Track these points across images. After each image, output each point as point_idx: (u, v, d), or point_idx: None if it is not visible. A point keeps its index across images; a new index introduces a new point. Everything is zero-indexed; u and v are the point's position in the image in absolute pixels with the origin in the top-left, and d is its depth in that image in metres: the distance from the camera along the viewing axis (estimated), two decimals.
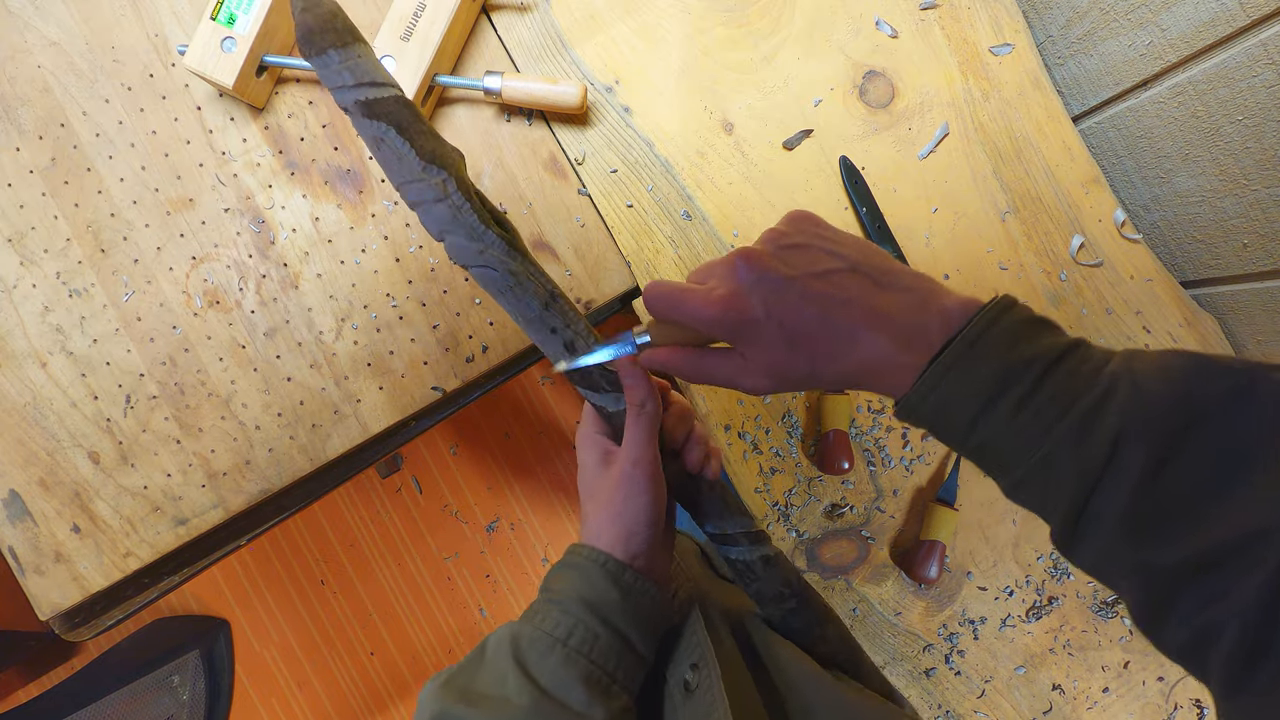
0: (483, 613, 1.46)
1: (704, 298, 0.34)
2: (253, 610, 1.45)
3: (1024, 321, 0.31)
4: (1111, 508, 0.28)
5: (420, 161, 0.37)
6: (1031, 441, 0.29)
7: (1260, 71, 0.53)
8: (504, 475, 1.46)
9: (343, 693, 1.46)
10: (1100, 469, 0.28)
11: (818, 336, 0.33)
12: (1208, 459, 0.26)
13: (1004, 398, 0.30)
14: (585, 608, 0.37)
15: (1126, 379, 0.28)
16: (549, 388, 1.47)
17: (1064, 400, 0.29)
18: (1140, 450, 0.27)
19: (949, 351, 0.31)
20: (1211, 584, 0.26)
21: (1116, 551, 0.28)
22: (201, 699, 1.36)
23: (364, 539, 1.47)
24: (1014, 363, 0.30)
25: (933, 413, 0.32)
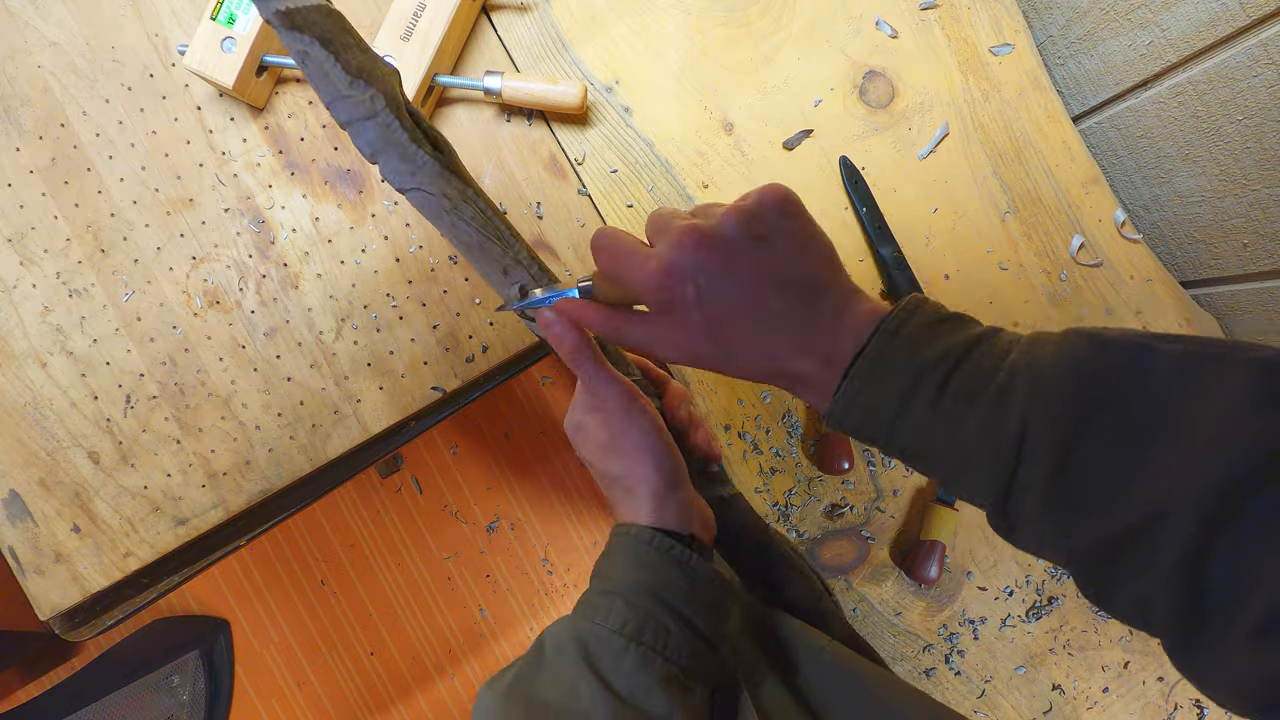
0: (483, 613, 1.46)
1: (641, 264, 0.33)
2: (253, 610, 1.45)
3: (930, 323, 0.31)
4: (1031, 492, 0.28)
5: (347, 77, 0.35)
6: (947, 440, 0.30)
7: (1260, 71, 0.53)
8: (504, 475, 1.46)
9: (343, 693, 1.46)
10: (1012, 461, 0.28)
11: (741, 342, 0.33)
12: (1109, 441, 0.26)
13: (914, 401, 0.30)
14: (651, 598, 0.35)
15: (1026, 368, 0.28)
16: (549, 388, 1.47)
17: (968, 397, 0.29)
18: (1044, 440, 0.27)
19: (859, 363, 0.31)
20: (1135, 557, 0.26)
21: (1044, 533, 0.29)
22: (201, 699, 1.36)
23: (364, 539, 1.47)
24: (921, 365, 0.30)
25: (856, 424, 0.32)
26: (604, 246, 0.35)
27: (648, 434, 0.39)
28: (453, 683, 1.47)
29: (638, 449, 0.39)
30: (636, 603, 0.35)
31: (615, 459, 0.40)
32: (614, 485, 0.41)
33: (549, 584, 1.46)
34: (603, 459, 0.40)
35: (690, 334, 0.33)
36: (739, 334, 0.33)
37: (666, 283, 0.32)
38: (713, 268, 0.32)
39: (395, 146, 0.36)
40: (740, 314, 0.32)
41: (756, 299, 0.32)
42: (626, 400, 0.39)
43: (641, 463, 0.39)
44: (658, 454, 0.39)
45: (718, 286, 0.32)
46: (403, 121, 0.36)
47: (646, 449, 0.39)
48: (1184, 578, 0.24)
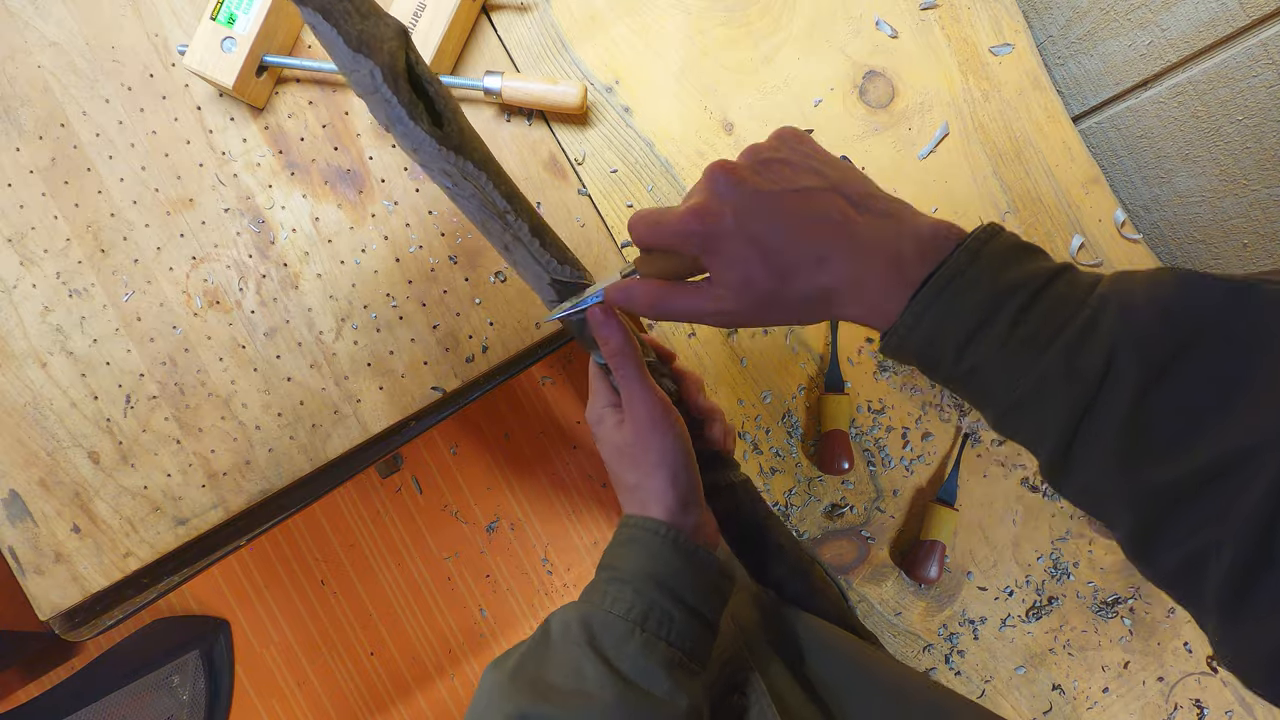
0: (483, 613, 1.46)
1: (677, 214, 0.33)
2: (253, 610, 1.45)
3: (1010, 247, 0.30)
4: (1106, 428, 0.27)
5: (348, 50, 0.34)
6: (1023, 366, 0.28)
7: (1260, 71, 0.53)
8: (504, 475, 1.46)
9: (343, 693, 1.46)
10: (1094, 389, 0.27)
11: (786, 251, 0.32)
12: (1202, 374, 0.25)
13: (994, 323, 0.29)
14: (655, 585, 0.36)
15: (1116, 299, 0.28)
16: (549, 388, 1.47)
17: (1055, 323, 0.28)
18: (1134, 367, 0.26)
19: (935, 280, 0.30)
20: (1204, 505, 0.25)
21: (1108, 475, 0.27)
22: (201, 699, 1.36)
23: (364, 539, 1.47)
24: (1002, 288, 0.29)
25: (921, 342, 0.31)
26: (639, 218, 0.35)
27: (672, 452, 0.39)
28: (453, 683, 1.47)
29: (659, 465, 0.39)
30: (642, 590, 0.36)
31: (633, 469, 0.40)
32: (631, 490, 0.41)
33: (549, 584, 1.47)
34: (620, 464, 0.41)
35: (738, 264, 0.32)
36: (788, 248, 0.32)
37: (706, 213, 0.32)
38: (744, 189, 0.32)
39: (396, 122, 0.36)
40: (785, 225, 0.32)
41: (795, 207, 0.32)
42: (659, 412, 0.39)
43: (659, 479, 0.39)
44: (678, 474, 0.39)
45: (753, 204, 0.32)
46: (399, 95, 0.35)
47: (667, 466, 0.39)
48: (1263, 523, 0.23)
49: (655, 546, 0.37)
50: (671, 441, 0.39)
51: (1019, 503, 0.66)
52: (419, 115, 0.36)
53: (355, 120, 0.63)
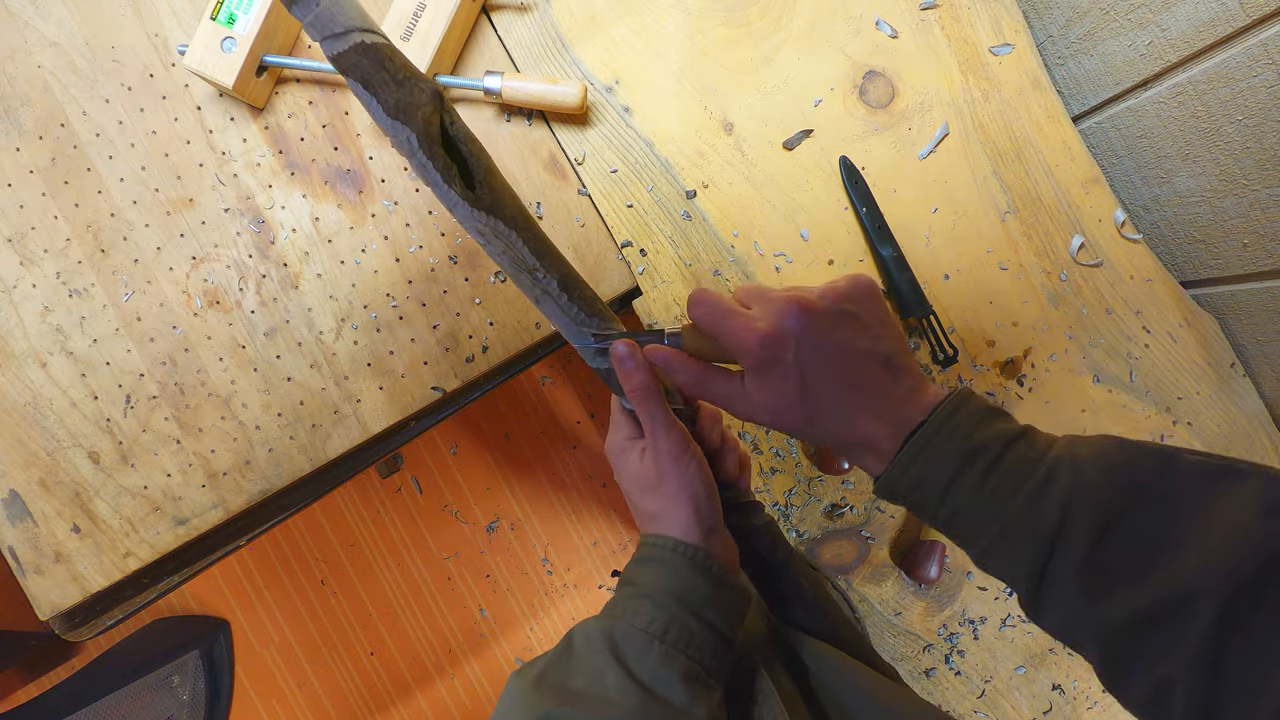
0: (483, 613, 1.46)
1: (748, 325, 0.36)
2: (253, 610, 1.45)
3: (981, 410, 0.35)
4: (1065, 570, 0.31)
5: (387, 118, 0.36)
6: (993, 513, 0.33)
7: (1260, 71, 0.53)
8: (504, 475, 1.46)
9: (343, 693, 1.46)
10: (1052, 537, 0.31)
11: (828, 405, 0.36)
12: (1142, 527, 0.30)
13: (969, 473, 0.33)
14: (676, 600, 0.37)
15: (1069, 462, 0.32)
16: (549, 388, 1.47)
17: (1018, 477, 0.33)
18: (1085, 520, 0.30)
19: (920, 434, 0.35)
20: (1157, 642, 0.28)
21: (1075, 612, 0.31)
22: (201, 699, 1.35)
23: (364, 539, 1.47)
24: (976, 444, 0.34)
25: (909, 488, 0.35)
26: (706, 303, 0.37)
27: (694, 482, 0.41)
28: (453, 683, 1.47)
29: (680, 496, 0.41)
30: (663, 604, 0.37)
31: (656, 500, 0.41)
32: (649, 519, 0.42)
33: (549, 584, 1.46)
34: (643, 495, 0.42)
35: (781, 395, 0.36)
36: (827, 398, 0.36)
37: (774, 344, 0.35)
38: (814, 335, 0.35)
39: (432, 185, 0.38)
40: (832, 379, 0.36)
41: (848, 367, 0.36)
42: (681, 447, 0.41)
43: (682, 507, 0.41)
44: (700, 504, 0.41)
45: (817, 352, 0.36)
46: (434, 161, 0.37)
47: (689, 496, 0.41)
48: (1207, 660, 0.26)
49: (676, 564, 0.39)
50: (694, 471, 0.41)
51: None
52: (453, 179, 0.38)
53: (355, 120, 0.63)
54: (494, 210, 0.39)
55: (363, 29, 0.36)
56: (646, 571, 0.39)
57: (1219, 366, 0.68)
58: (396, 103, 0.36)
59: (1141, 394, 0.67)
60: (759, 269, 0.65)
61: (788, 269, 0.65)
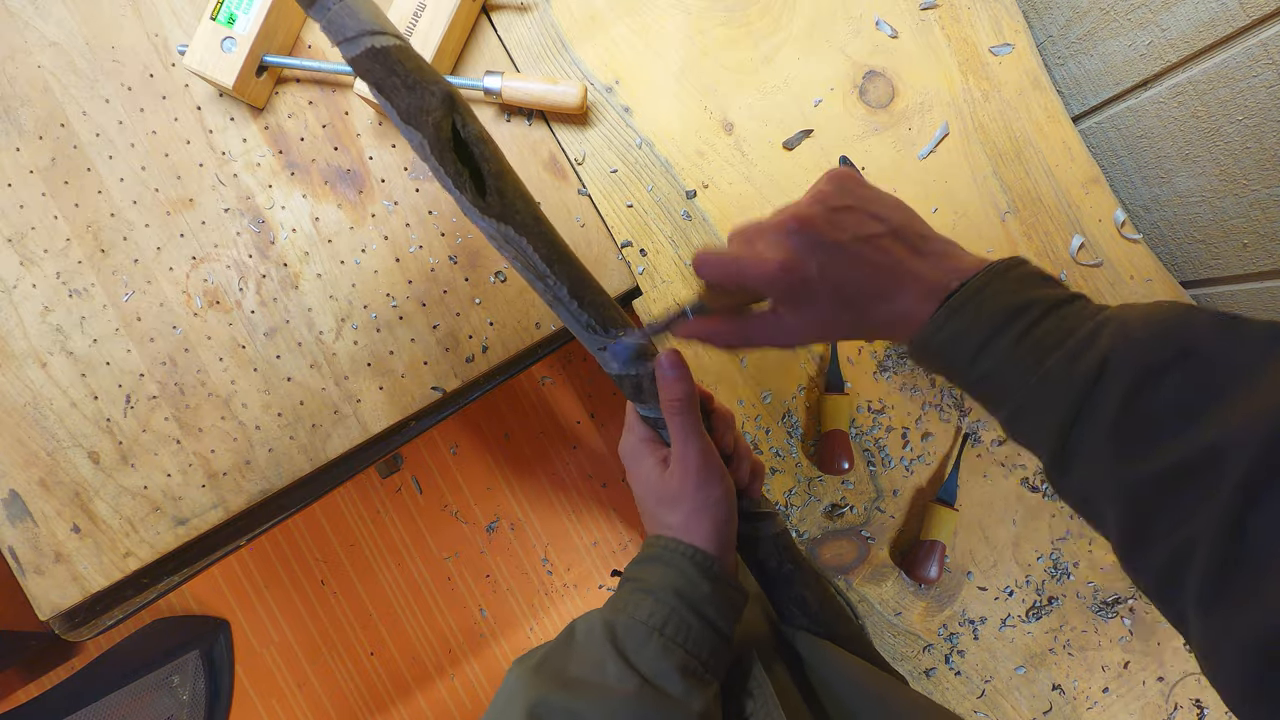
0: (483, 613, 1.46)
1: (760, 261, 0.36)
2: (253, 610, 1.45)
3: (1030, 274, 0.34)
4: (1098, 425, 0.30)
5: (401, 123, 0.36)
6: (1029, 369, 0.32)
7: (1260, 71, 0.53)
8: (504, 475, 1.46)
9: (343, 693, 1.46)
10: (1089, 387, 0.30)
11: (864, 295, 0.36)
12: (1186, 385, 0.28)
13: (1006, 332, 0.32)
14: (676, 597, 0.38)
15: (1117, 320, 0.31)
16: (549, 387, 1.47)
17: (1059, 334, 0.32)
18: (1126, 371, 0.29)
19: (960, 293, 0.34)
20: (1182, 501, 0.27)
21: (1100, 470, 0.30)
22: (201, 699, 1.35)
23: (364, 539, 1.47)
24: (1017, 304, 0.33)
25: (941, 345, 0.34)
26: (716, 262, 0.37)
27: (720, 506, 0.41)
28: (453, 683, 1.47)
29: (702, 515, 0.40)
30: (664, 599, 0.38)
31: (675, 515, 0.41)
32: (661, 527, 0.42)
33: (549, 584, 1.46)
34: (659, 506, 0.42)
35: (819, 309, 0.36)
36: (864, 293, 0.36)
37: (793, 267, 0.35)
38: (824, 242, 0.35)
39: (445, 189, 0.38)
40: (857, 273, 0.35)
41: (864, 256, 0.35)
42: (713, 465, 0.41)
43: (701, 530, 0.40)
44: (721, 529, 0.40)
45: (834, 257, 0.35)
46: (445, 167, 0.37)
47: (712, 519, 0.40)
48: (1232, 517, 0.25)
49: (681, 565, 0.39)
50: (721, 495, 0.41)
51: (1019, 503, 0.66)
52: (464, 184, 0.38)
53: (355, 120, 0.63)
54: (504, 217, 0.39)
55: (373, 32, 0.36)
56: (650, 570, 0.40)
57: None
58: (408, 107, 0.36)
59: None
60: None
61: None
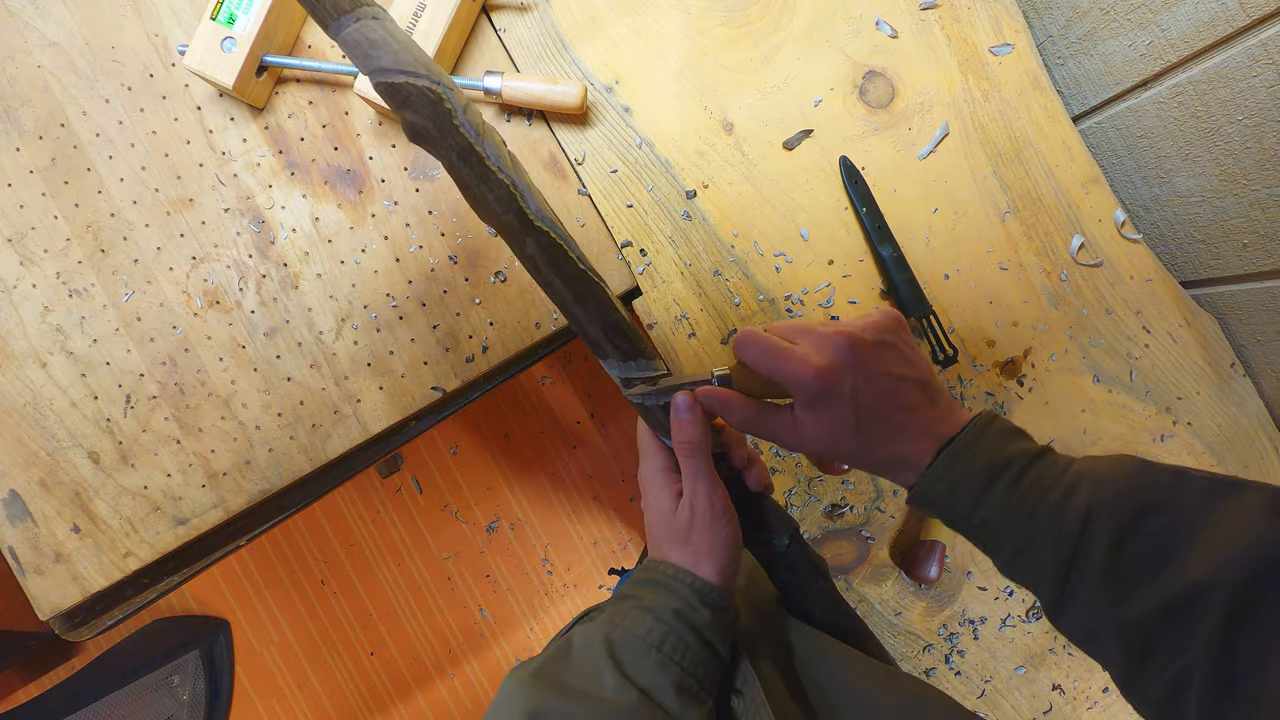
0: (483, 613, 1.46)
1: (803, 360, 0.38)
2: (253, 610, 1.45)
3: (1008, 429, 0.39)
4: (1088, 572, 0.33)
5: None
6: (1021, 519, 0.35)
7: (1260, 71, 0.53)
8: (504, 475, 1.46)
9: (343, 693, 1.46)
10: (1075, 541, 0.34)
11: (879, 429, 0.38)
12: (1157, 531, 0.32)
13: (998, 482, 0.36)
14: (676, 617, 0.39)
15: (1089, 475, 0.35)
16: (549, 387, 1.47)
17: (1043, 486, 0.35)
18: (1106, 525, 0.33)
19: (953, 445, 0.37)
20: (1175, 634, 0.30)
21: (1098, 612, 0.33)
22: (201, 699, 1.36)
23: (364, 539, 1.47)
24: (1004, 456, 0.37)
25: (942, 494, 0.37)
26: (757, 343, 0.39)
27: (726, 548, 0.42)
28: (453, 683, 1.47)
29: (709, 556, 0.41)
30: (663, 618, 0.39)
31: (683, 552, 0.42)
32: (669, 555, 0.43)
33: (549, 584, 1.46)
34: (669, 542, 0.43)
35: (836, 425, 0.39)
36: (878, 425, 0.38)
37: (830, 378, 0.38)
38: (864, 366, 0.38)
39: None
40: (883, 407, 0.38)
41: (894, 394, 0.38)
42: (719, 508, 0.42)
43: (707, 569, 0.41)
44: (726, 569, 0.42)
45: (868, 382, 0.38)
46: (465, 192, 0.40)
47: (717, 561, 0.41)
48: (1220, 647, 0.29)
49: (683, 594, 0.40)
50: (727, 536, 0.42)
51: None
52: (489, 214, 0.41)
53: (355, 120, 0.63)
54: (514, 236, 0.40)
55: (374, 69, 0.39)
56: (651, 592, 0.41)
57: (1219, 366, 0.68)
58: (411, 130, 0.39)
59: (1141, 394, 0.67)
60: (759, 269, 0.65)
61: (788, 269, 0.65)
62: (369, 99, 0.58)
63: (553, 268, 0.40)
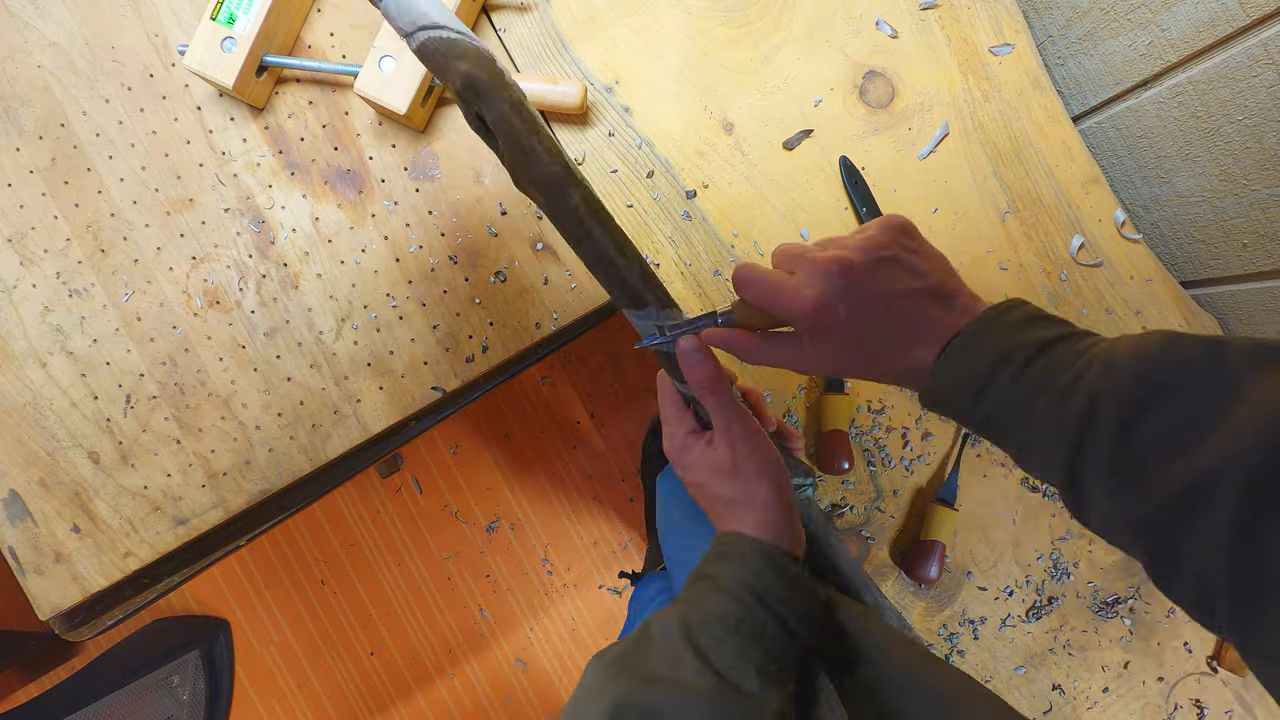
0: (483, 613, 1.46)
1: (795, 294, 0.37)
2: (253, 610, 1.45)
3: (1027, 315, 0.36)
4: (1098, 463, 0.31)
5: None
6: (1023, 412, 0.33)
7: (1260, 71, 0.53)
8: (504, 475, 1.46)
9: (343, 693, 1.46)
10: (1079, 431, 0.31)
11: (885, 346, 0.37)
12: (1178, 410, 0.29)
13: (1002, 372, 0.34)
14: (751, 594, 0.39)
15: (1104, 357, 0.32)
16: (549, 387, 1.47)
17: (1048, 375, 0.33)
18: (1112, 409, 0.30)
19: (959, 338, 0.36)
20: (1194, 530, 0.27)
21: (1110, 506, 0.31)
22: (201, 699, 1.35)
23: (364, 539, 1.47)
24: (1012, 346, 0.34)
25: (943, 393, 0.36)
26: (752, 280, 0.39)
27: (771, 461, 0.43)
28: (453, 683, 1.47)
29: (761, 475, 0.42)
30: (740, 598, 0.39)
31: (737, 481, 0.43)
32: (729, 505, 0.43)
33: (549, 584, 1.46)
34: (719, 480, 0.43)
35: (840, 349, 0.38)
36: (884, 342, 0.37)
37: (823, 308, 0.37)
38: (859, 289, 0.37)
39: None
40: (885, 324, 0.37)
41: (897, 310, 0.37)
42: (754, 428, 0.43)
43: (763, 487, 0.42)
44: (778, 478, 0.42)
45: (865, 305, 0.37)
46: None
47: (769, 475, 0.42)
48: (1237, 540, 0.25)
49: (754, 561, 0.40)
50: (769, 452, 0.42)
51: (1019, 503, 0.66)
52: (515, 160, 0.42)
53: (355, 120, 0.63)
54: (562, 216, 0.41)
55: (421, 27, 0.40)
56: (724, 566, 0.40)
57: None
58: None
59: None
60: None
61: None
62: (369, 99, 0.58)
63: (595, 219, 0.40)
